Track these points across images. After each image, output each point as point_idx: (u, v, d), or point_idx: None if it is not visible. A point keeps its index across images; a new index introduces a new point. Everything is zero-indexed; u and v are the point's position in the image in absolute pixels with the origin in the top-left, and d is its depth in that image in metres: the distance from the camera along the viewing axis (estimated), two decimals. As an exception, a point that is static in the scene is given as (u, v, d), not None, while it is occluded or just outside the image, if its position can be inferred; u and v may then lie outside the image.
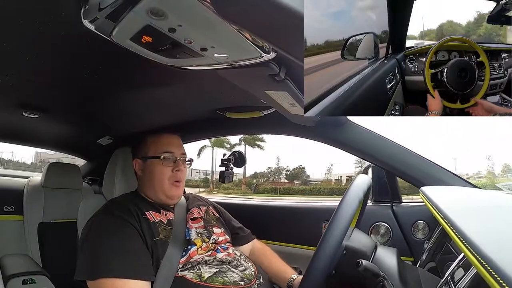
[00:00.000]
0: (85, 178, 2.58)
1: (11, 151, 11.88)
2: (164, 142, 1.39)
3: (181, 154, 1.39)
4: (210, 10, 0.60)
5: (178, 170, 1.35)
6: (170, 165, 1.35)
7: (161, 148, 1.36)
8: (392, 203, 1.72)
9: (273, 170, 34.52)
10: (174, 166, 1.35)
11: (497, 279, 0.45)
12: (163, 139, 1.40)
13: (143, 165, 1.39)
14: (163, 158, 1.34)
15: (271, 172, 34.69)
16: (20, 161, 12.71)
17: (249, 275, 1.24)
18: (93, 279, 1.05)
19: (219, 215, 1.55)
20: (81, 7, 0.68)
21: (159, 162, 1.34)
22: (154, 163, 1.35)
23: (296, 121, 1.50)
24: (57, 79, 1.21)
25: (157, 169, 1.34)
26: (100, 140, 2.11)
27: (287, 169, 34.67)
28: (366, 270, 0.84)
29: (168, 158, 1.35)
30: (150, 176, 1.36)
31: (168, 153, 1.35)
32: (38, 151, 11.95)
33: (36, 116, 1.61)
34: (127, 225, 1.17)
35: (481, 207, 0.99)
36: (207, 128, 1.94)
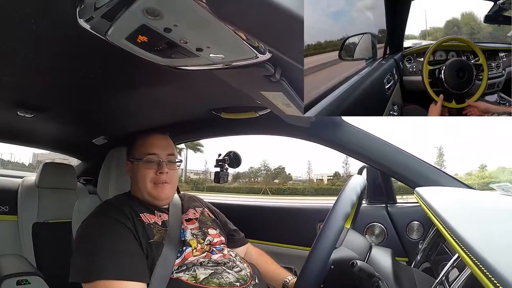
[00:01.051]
0: (80, 178, 2.57)
1: (10, 152, 12.01)
2: (149, 143, 1.36)
3: (168, 155, 1.36)
4: (206, 10, 0.60)
5: (161, 172, 1.32)
6: (153, 168, 1.33)
7: (145, 149, 1.34)
8: (387, 204, 1.73)
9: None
10: (158, 169, 1.33)
11: (491, 280, 0.45)
12: (148, 141, 1.37)
13: (131, 166, 1.39)
14: (145, 160, 1.33)
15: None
16: (19, 162, 12.79)
17: (245, 276, 1.24)
18: (88, 281, 1.04)
19: (214, 216, 1.54)
20: (76, 6, 0.68)
21: (143, 164, 1.33)
22: (138, 165, 1.34)
23: (291, 122, 1.50)
24: (52, 79, 1.20)
25: (140, 172, 1.33)
26: (95, 140, 2.10)
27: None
28: (361, 271, 0.84)
29: (151, 160, 1.33)
30: (135, 178, 1.35)
31: (151, 155, 1.33)
32: (36, 152, 12.02)
33: (31, 115, 1.60)
34: (121, 227, 1.16)
35: (476, 208, 1.00)
36: (202, 129, 1.94)
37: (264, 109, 1.52)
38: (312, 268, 0.77)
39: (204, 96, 1.41)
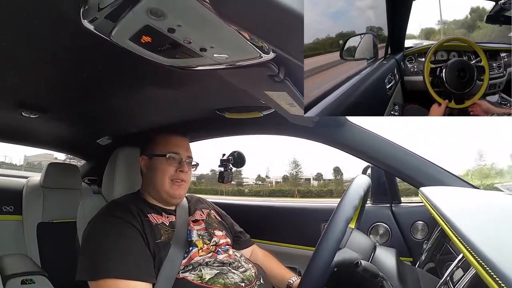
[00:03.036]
0: (84, 178, 2.58)
1: (4, 155, 12.24)
2: (172, 142, 1.40)
3: (187, 157, 1.40)
4: (209, 11, 0.60)
5: (181, 171, 1.35)
6: (174, 165, 1.36)
7: (169, 148, 1.38)
8: (392, 204, 1.73)
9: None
10: (178, 167, 1.36)
11: (496, 280, 0.45)
12: (171, 140, 1.41)
13: (148, 162, 1.40)
14: (168, 157, 1.35)
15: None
16: (12, 163, 13.10)
17: (250, 276, 1.24)
18: (95, 279, 1.05)
19: (221, 218, 1.55)
20: (80, 7, 0.68)
21: (164, 161, 1.35)
22: (160, 161, 1.36)
23: (295, 122, 1.50)
24: (57, 79, 1.21)
25: (161, 167, 1.35)
26: (99, 140, 2.11)
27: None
28: (365, 271, 0.84)
29: (173, 158, 1.36)
30: (153, 174, 1.36)
31: (174, 154, 1.37)
32: (26, 155, 12.43)
33: (36, 116, 1.61)
34: (129, 226, 1.17)
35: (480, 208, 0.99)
36: (206, 129, 1.94)
37: (268, 109, 1.52)
38: (315, 270, 0.77)
39: (208, 96, 1.42)
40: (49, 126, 1.91)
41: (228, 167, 1.80)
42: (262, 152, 22.19)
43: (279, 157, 28.11)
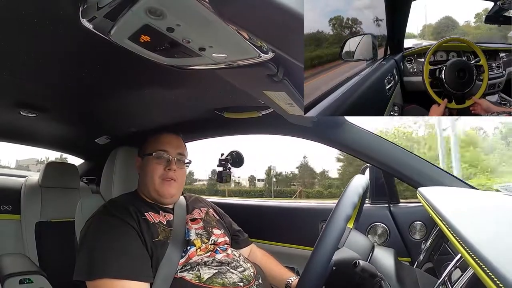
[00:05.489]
0: (83, 177, 2.58)
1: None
2: (161, 140, 1.39)
3: (178, 154, 1.39)
4: (208, 10, 0.60)
5: (169, 169, 1.35)
6: (162, 163, 1.35)
7: (157, 146, 1.37)
8: (390, 204, 1.73)
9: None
10: (167, 165, 1.35)
11: (494, 280, 0.45)
12: (161, 138, 1.41)
13: (141, 162, 1.41)
14: (155, 155, 1.35)
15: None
16: (2, 165, 13.66)
17: (248, 276, 1.23)
18: (92, 279, 1.05)
19: (219, 217, 1.55)
20: (79, 6, 0.68)
21: (153, 159, 1.35)
22: (149, 160, 1.36)
23: (294, 122, 1.50)
24: (55, 79, 1.21)
25: (150, 166, 1.35)
26: (98, 139, 2.11)
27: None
28: (363, 271, 0.84)
29: (161, 156, 1.36)
30: (145, 173, 1.37)
31: (161, 151, 1.36)
32: (18, 159, 12.81)
33: (34, 115, 1.61)
34: (126, 226, 1.17)
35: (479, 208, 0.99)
36: (205, 128, 1.94)
37: (267, 109, 1.52)
38: (314, 269, 0.77)
39: (207, 95, 1.41)
40: (47, 126, 1.91)
41: (227, 166, 1.80)
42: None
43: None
